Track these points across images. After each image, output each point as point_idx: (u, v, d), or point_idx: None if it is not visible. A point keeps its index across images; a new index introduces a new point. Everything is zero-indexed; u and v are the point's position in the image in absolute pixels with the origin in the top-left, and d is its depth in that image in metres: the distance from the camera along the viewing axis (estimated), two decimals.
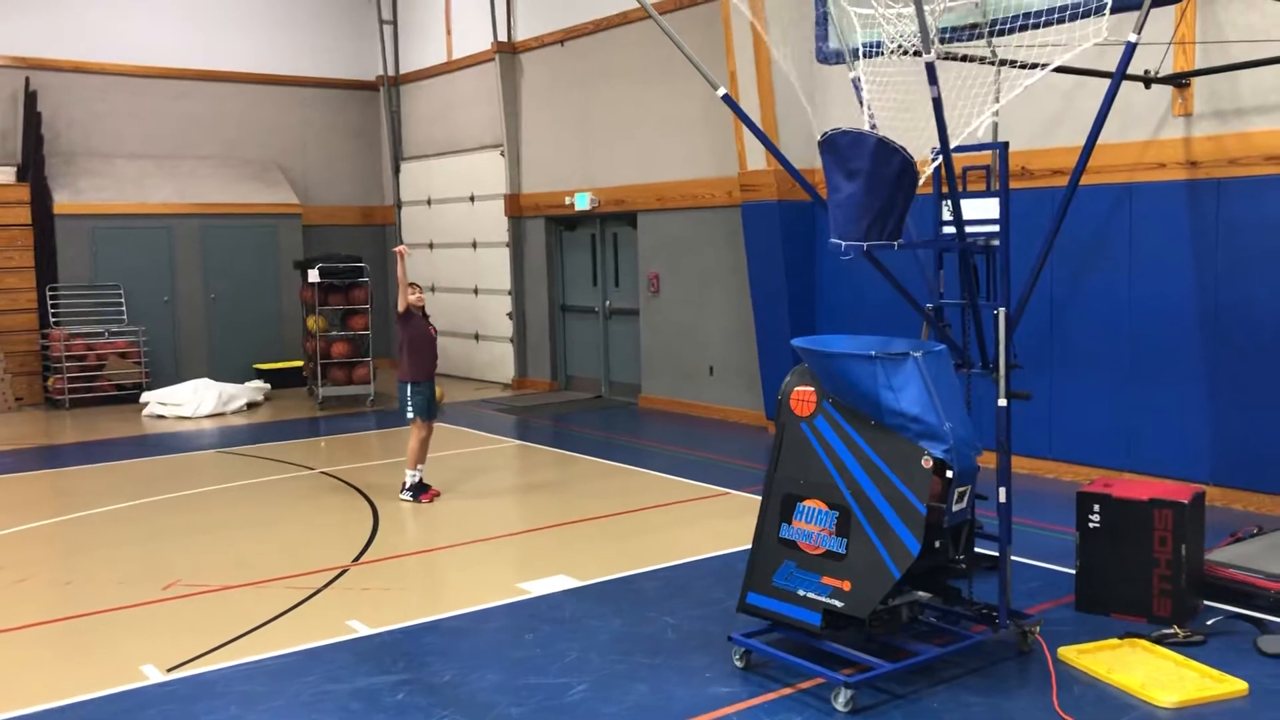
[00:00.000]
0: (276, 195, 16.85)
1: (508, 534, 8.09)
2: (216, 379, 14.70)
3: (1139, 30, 4.95)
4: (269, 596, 6.52)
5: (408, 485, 8.92)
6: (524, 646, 5.59)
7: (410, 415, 8.89)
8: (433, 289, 17.62)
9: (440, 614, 6.14)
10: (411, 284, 8.89)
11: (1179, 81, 8.08)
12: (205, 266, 16.03)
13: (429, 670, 5.33)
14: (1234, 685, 4.84)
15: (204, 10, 16.77)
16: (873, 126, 5.34)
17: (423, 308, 9.04)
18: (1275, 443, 7.77)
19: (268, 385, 15.51)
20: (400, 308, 8.83)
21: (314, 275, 14.17)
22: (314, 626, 5.98)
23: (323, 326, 14.39)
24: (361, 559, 7.34)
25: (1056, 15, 5.17)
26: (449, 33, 16.89)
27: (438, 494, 9.02)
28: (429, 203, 17.69)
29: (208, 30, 16.79)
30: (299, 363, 15.86)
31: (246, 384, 15.12)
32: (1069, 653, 5.22)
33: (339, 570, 7.04)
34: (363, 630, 5.89)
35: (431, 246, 17.64)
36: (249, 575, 6.96)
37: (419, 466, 8.90)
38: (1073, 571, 6.03)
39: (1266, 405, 7.81)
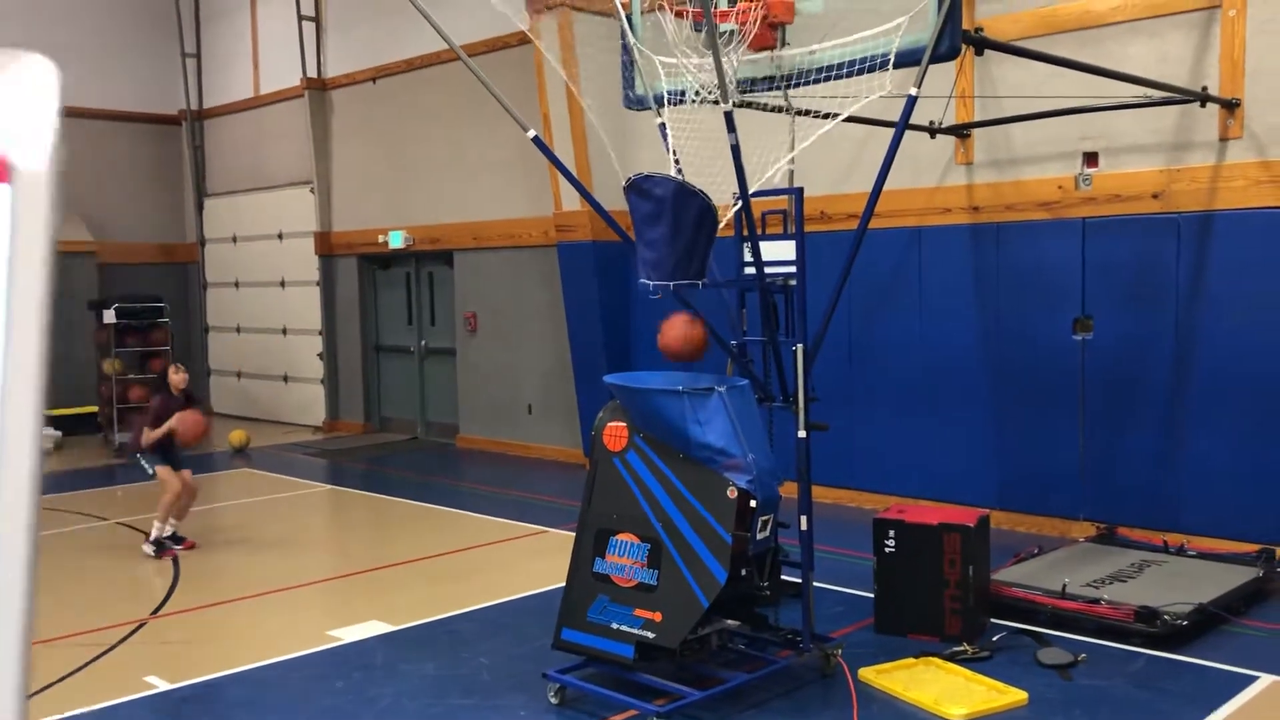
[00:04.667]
0: (67, 233, 15.96)
1: (319, 580, 7.88)
2: None
3: (919, 84, 5.31)
4: (56, 655, 6.12)
5: (151, 539, 8.43)
6: (334, 695, 5.46)
7: (151, 472, 8.45)
8: (238, 330, 17.04)
9: (245, 665, 5.92)
10: (175, 364, 8.65)
11: (960, 133, 8.69)
12: None
13: None
14: (1016, 696, 5.18)
15: None
16: (678, 171, 5.55)
17: (184, 390, 8.49)
18: (1051, 468, 8.37)
19: (58, 432, 14.59)
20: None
21: (110, 316, 13.49)
22: (108, 685, 5.66)
23: (119, 369, 13.69)
24: (160, 612, 7.01)
25: (846, 70, 5.48)
26: (256, 67, 16.47)
27: (192, 545, 8.55)
28: (235, 240, 17.12)
29: None
30: (93, 408, 15.02)
31: None
32: (869, 673, 5.47)
33: (136, 624, 6.70)
34: (162, 686, 5.63)
35: (238, 285, 17.06)
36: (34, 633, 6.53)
37: (171, 522, 8.45)
38: (872, 595, 6.33)
39: (1043, 434, 8.41)
